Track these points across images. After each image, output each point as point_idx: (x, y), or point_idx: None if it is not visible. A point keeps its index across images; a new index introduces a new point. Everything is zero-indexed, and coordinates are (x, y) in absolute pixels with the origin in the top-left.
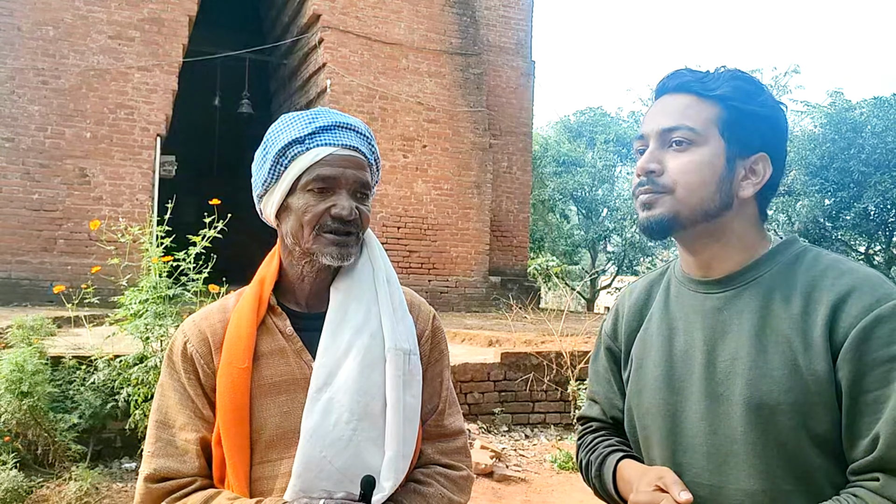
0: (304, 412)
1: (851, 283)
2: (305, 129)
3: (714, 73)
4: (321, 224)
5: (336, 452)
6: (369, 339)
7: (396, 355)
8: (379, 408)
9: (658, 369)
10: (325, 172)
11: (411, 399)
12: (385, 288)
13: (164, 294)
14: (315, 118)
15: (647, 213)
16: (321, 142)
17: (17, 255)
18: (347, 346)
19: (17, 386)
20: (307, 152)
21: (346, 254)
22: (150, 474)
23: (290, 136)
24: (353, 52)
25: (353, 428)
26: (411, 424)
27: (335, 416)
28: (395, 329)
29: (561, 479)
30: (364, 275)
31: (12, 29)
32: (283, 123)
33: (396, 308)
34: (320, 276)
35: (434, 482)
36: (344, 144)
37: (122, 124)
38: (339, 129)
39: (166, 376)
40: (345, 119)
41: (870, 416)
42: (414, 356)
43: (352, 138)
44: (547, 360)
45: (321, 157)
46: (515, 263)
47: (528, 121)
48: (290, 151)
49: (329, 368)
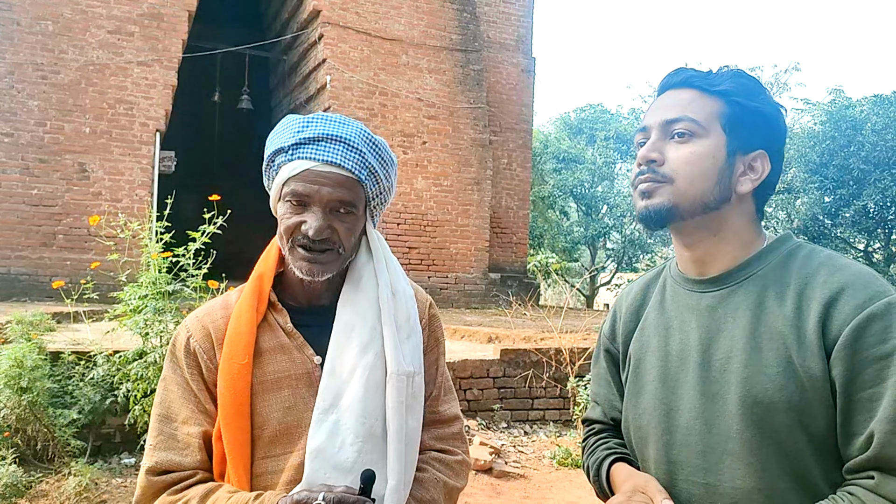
0: (310, 432)
1: (844, 281)
2: (292, 138)
3: (717, 72)
4: (294, 238)
5: (340, 475)
6: (374, 358)
7: (399, 381)
8: (381, 430)
9: (654, 369)
10: (299, 189)
11: (414, 423)
12: (389, 305)
13: (163, 290)
14: (305, 127)
15: (647, 201)
16: (302, 155)
17: (16, 251)
18: (352, 367)
19: (16, 381)
20: (288, 164)
21: (317, 270)
22: (151, 467)
23: (278, 143)
24: (353, 48)
25: (358, 450)
26: (412, 448)
27: (340, 438)
28: (398, 350)
29: (560, 476)
30: (369, 289)
31: (11, 24)
32: (278, 128)
33: (402, 325)
34: (315, 283)
35: (430, 468)
36: (324, 160)
37: (121, 119)
38: (326, 143)
39: (169, 371)
40: (337, 131)
41: (864, 414)
42: (418, 377)
43: (336, 153)
44: (546, 356)
45: (297, 172)
46: (515, 260)
47: (528, 117)
48: (277, 159)
49: (335, 391)
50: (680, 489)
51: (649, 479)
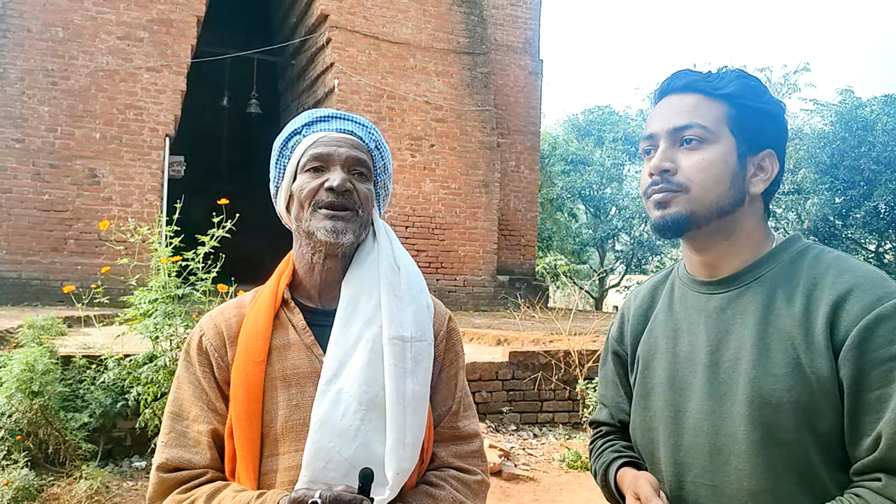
0: (314, 403)
1: (852, 282)
2: (304, 120)
3: (719, 73)
4: (316, 200)
5: (344, 443)
6: (378, 329)
7: (393, 345)
8: (384, 398)
9: (663, 371)
10: (319, 151)
11: (415, 387)
12: (388, 276)
13: (173, 294)
14: (314, 112)
15: (663, 211)
16: (317, 129)
17: (27, 256)
18: (356, 338)
19: (27, 385)
20: (304, 139)
21: (341, 228)
22: (162, 464)
23: (290, 129)
24: (361, 52)
25: (361, 418)
26: (415, 413)
27: (343, 406)
28: (394, 316)
29: (569, 479)
30: (373, 267)
31: (22, 30)
32: (288, 126)
33: (403, 294)
34: (328, 266)
35: (446, 485)
36: (338, 129)
37: (131, 125)
38: (336, 119)
39: (182, 369)
40: (344, 114)
41: (872, 416)
42: (419, 343)
43: (347, 125)
44: (555, 359)
45: (314, 140)
46: (523, 262)
47: (536, 119)
48: (291, 142)
49: (338, 360)
50: (688, 491)
51: (641, 480)
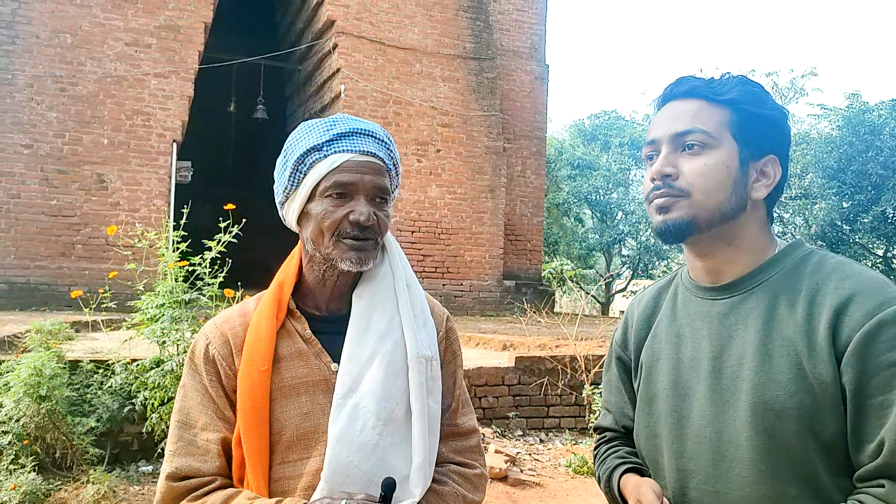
0: (331, 417)
1: (855, 288)
2: (323, 136)
3: (721, 79)
4: (340, 230)
5: (363, 457)
6: (392, 346)
7: (419, 363)
8: (402, 413)
9: (666, 377)
10: (343, 179)
11: (434, 405)
12: (406, 295)
13: (180, 298)
14: (333, 125)
15: (664, 216)
16: (339, 148)
17: (35, 260)
18: (371, 354)
19: (35, 390)
20: (325, 159)
21: (364, 258)
22: (171, 472)
23: (308, 143)
24: (367, 57)
25: (380, 433)
26: (434, 429)
27: (361, 421)
28: (416, 336)
29: (576, 484)
30: (385, 282)
31: (31, 37)
32: (302, 131)
33: (418, 315)
34: (341, 281)
35: (450, 480)
36: (361, 150)
37: (138, 130)
38: (357, 136)
39: (188, 377)
40: (363, 125)
41: (875, 422)
42: (435, 362)
43: (369, 144)
44: (561, 364)
45: (338, 164)
46: (530, 267)
47: (542, 124)
48: (309, 159)
49: (354, 375)
50: (691, 497)
51: (644, 487)
